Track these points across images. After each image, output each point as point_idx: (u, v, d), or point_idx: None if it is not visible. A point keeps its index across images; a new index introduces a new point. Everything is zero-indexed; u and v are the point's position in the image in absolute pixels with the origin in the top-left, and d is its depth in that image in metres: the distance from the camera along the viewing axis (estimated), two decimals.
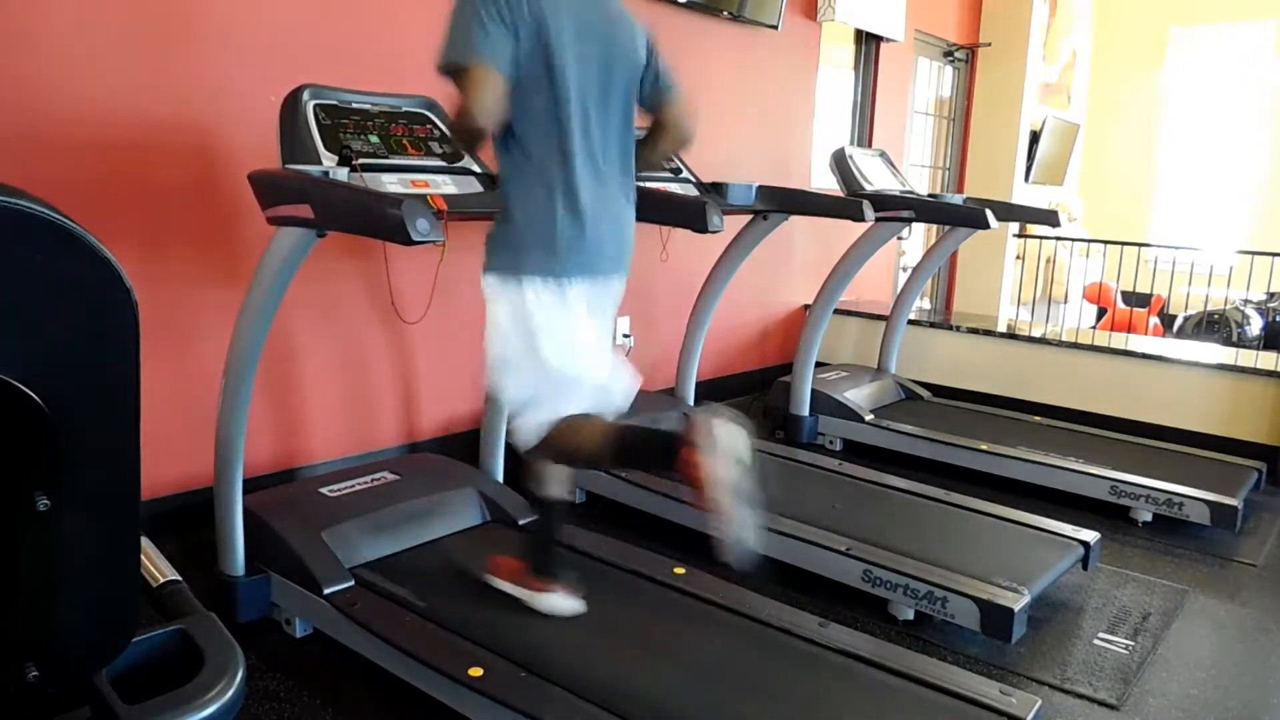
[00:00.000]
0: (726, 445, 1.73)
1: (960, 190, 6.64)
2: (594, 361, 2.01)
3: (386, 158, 2.26)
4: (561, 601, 2.14)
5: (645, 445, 1.97)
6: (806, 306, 4.85)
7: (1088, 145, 8.23)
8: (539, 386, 1.97)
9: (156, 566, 1.49)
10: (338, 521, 2.39)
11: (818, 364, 4.10)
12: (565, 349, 1.94)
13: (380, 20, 2.94)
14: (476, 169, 2.41)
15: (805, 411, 4.02)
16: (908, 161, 6.05)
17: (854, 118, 5.53)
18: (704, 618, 2.19)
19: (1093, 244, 7.08)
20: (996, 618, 2.30)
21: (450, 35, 1.78)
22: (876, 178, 3.89)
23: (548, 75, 1.83)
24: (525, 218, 1.90)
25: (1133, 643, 2.44)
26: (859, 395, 4.12)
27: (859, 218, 3.31)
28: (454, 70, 1.77)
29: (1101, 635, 2.47)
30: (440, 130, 2.46)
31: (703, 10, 4.13)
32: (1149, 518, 3.29)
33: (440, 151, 2.41)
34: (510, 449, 3.06)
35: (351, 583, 2.22)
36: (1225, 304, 6.74)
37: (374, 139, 2.28)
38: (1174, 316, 6.93)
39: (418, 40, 3.06)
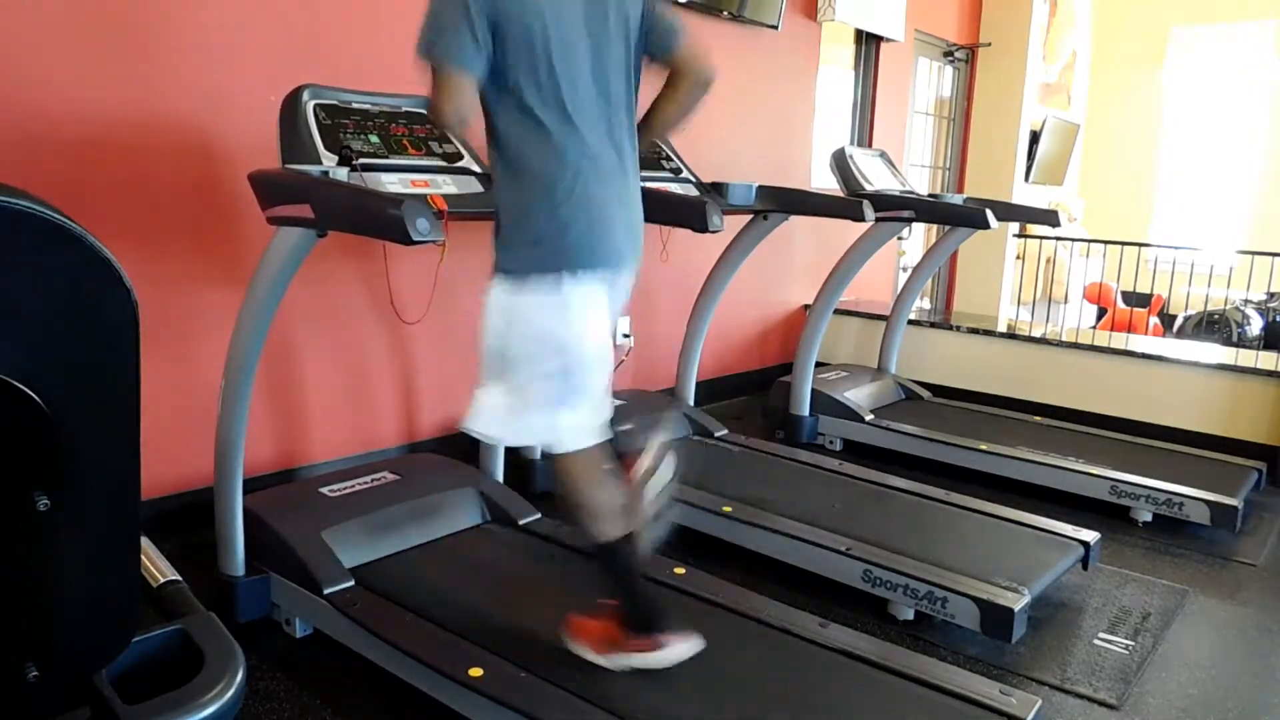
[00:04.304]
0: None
1: (960, 190, 6.64)
2: (598, 366, 1.90)
3: (386, 158, 2.26)
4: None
5: (624, 586, 1.92)
6: (806, 306, 4.84)
7: (1088, 145, 8.23)
8: (529, 389, 1.85)
9: (156, 566, 1.50)
10: (338, 521, 2.39)
11: (818, 364, 4.10)
12: (572, 352, 1.84)
13: (380, 20, 2.94)
14: (476, 169, 2.41)
15: (805, 411, 4.02)
16: (908, 161, 6.05)
17: (854, 118, 5.53)
18: (704, 618, 2.19)
19: (1093, 244, 7.08)
20: (996, 618, 2.30)
21: (429, 24, 1.74)
22: (876, 178, 3.89)
23: (534, 59, 1.76)
24: (524, 214, 1.81)
25: (1133, 643, 2.44)
26: (859, 395, 4.12)
27: (859, 218, 3.31)
28: (429, 64, 1.75)
29: (1101, 635, 2.47)
30: (440, 130, 2.46)
31: (703, 10, 4.13)
32: (1149, 518, 3.29)
33: (440, 151, 2.40)
34: (510, 450, 3.07)
35: (351, 583, 2.22)
36: (1225, 304, 6.74)
37: (374, 139, 2.28)
38: (1174, 316, 6.93)
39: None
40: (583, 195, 1.81)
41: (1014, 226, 6.53)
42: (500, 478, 2.88)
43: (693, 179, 3.31)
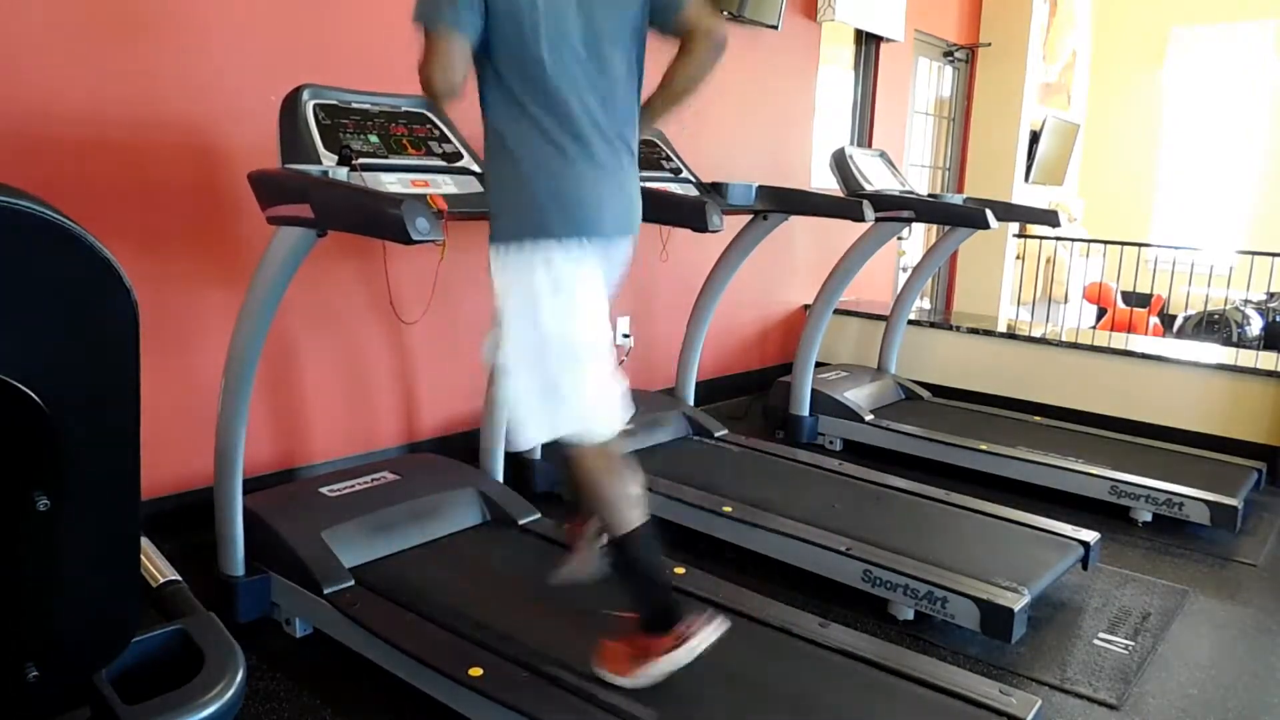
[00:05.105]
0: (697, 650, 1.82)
1: (960, 190, 6.64)
2: (596, 336, 1.85)
3: (386, 157, 2.26)
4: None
5: (644, 579, 1.86)
6: (806, 306, 4.84)
7: (1088, 145, 8.22)
8: (539, 368, 1.82)
9: (156, 566, 1.50)
10: (338, 521, 2.39)
11: (818, 364, 4.10)
12: (564, 316, 1.80)
13: (380, 19, 2.93)
14: (476, 168, 2.41)
15: (805, 411, 4.02)
16: (908, 161, 6.05)
17: (854, 118, 5.53)
18: None
19: (1093, 244, 7.08)
20: (996, 618, 2.30)
21: None
22: (876, 178, 3.89)
23: (522, 37, 1.74)
24: (514, 178, 1.79)
25: (1133, 643, 2.44)
26: (859, 395, 4.12)
27: (859, 218, 3.31)
28: (423, 26, 1.72)
29: (1101, 635, 2.47)
30: (440, 130, 2.46)
31: None
32: (1149, 518, 3.29)
33: (440, 151, 2.41)
34: (510, 450, 3.06)
35: (351, 583, 2.22)
36: (1225, 304, 6.74)
37: (374, 139, 2.28)
38: (1174, 316, 6.93)
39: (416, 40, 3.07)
40: (563, 172, 1.79)
41: (1014, 226, 6.53)
42: (500, 478, 2.88)
43: (693, 179, 3.31)
